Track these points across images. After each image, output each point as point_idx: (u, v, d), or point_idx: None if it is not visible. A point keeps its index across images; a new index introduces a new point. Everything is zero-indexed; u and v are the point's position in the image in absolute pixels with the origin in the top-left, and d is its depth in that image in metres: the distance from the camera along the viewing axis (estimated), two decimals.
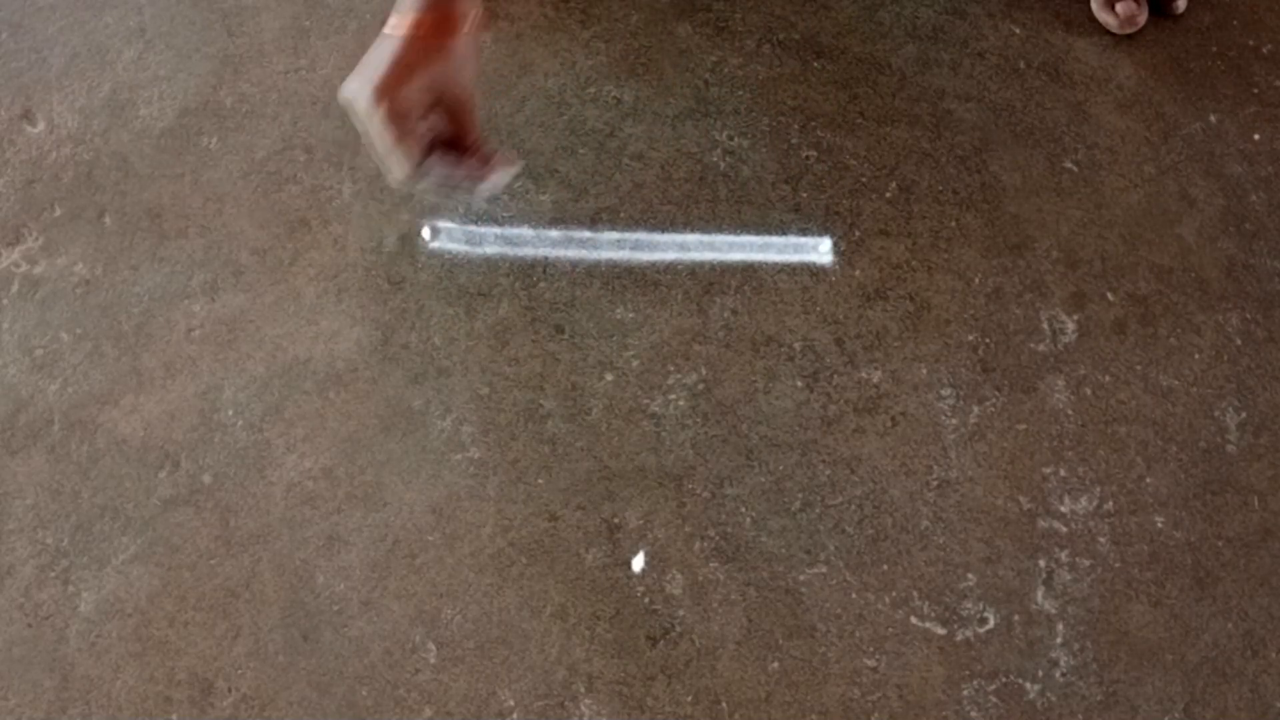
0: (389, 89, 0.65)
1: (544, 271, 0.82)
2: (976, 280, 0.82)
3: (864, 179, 0.85)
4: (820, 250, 0.83)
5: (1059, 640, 0.72)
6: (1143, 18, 0.90)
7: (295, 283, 0.81)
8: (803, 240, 0.83)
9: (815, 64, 0.89)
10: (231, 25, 0.91)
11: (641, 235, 0.83)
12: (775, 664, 0.71)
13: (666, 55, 0.90)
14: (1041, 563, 0.74)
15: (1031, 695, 0.71)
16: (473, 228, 0.83)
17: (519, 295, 0.81)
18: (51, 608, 0.72)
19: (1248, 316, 0.82)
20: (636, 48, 0.90)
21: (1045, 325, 0.81)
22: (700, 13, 0.92)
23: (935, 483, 0.76)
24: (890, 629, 0.72)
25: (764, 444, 0.77)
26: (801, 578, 0.73)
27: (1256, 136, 0.88)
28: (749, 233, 0.83)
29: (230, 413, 0.77)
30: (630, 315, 0.80)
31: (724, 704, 0.70)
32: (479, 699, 0.70)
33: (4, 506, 0.74)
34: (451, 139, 0.68)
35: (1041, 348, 0.80)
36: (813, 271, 0.82)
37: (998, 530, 0.75)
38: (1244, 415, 0.78)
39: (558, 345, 0.79)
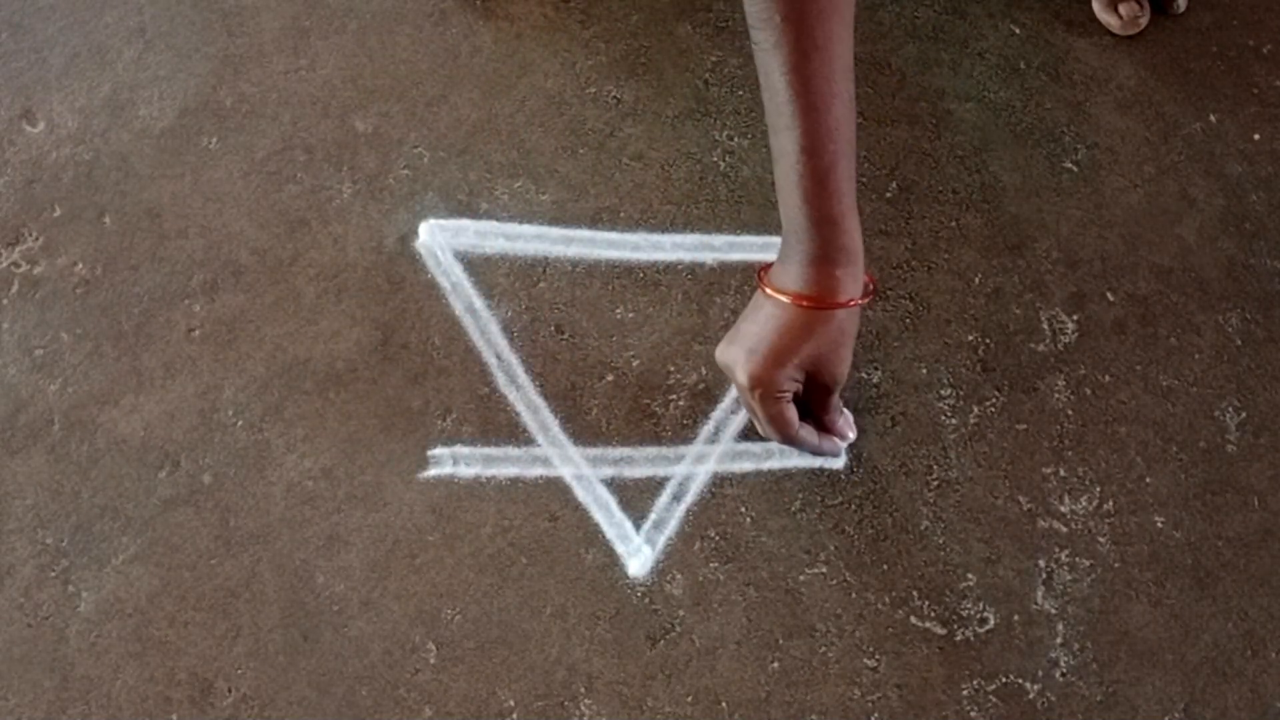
0: (767, 371, 0.66)
1: (544, 271, 0.82)
2: (976, 280, 0.82)
3: (864, 179, 0.85)
4: None
5: (1059, 640, 0.72)
6: (1145, 18, 0.91)
7: (295, 283, 0.81)
8: None
9: None
10: (231, 25, 0.91)
11: (641, 235, 0.83)
12: (775, 664, 0.71)
13: (666, 55, 0.90)
14: (1041, 563, 0.74)
15: (1031, 695, 0.71)
16: (473, 227, 0.83)
17: (519, 295, 0.81)
18: (51, 608, 0.72)
19: (1248, 316, 0.82)
20: (636, 48, 0.90)
21: (1045, 325, 0.81)
22: (700, 13, 0.92)
23: (935, 483, 0.76)
24: (890, 629, 0.72)
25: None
26: (801, 578, 0.73)
27: (1256, 136, 0.88)
28: (749, 233, 0.83)
29: (230, 413, 0.77)
30: (630, 315, 0.80)
31: (724, 704, 0.70)
32: (479, 699, 0.70)
33: (4, 506, 0.74)
34: (810, 404, 0.71)
35: (1041, 348, 0.80)
36: None
37: (998, 530, 0.75)
38: (1244, 415, 0.78)
39: (558, 345, 0.79)
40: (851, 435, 0.75)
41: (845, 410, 0.75)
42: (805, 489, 0.76)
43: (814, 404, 0.71)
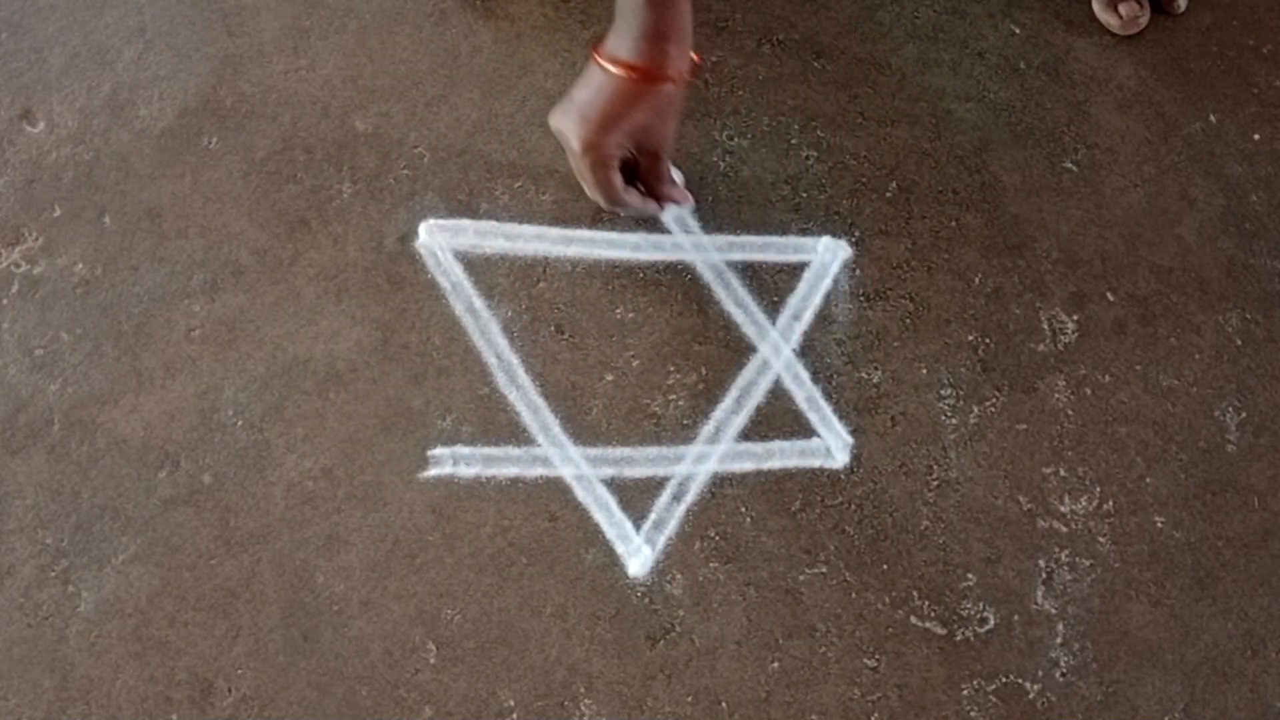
0: (597, 137, 0.71)
1: (544, 271, 0.82)
2: (976, 280, 0.82)
3: (864, 179, 0.85)
4: (819, 250, 0.83)
5: (1059, 640, 0.72)
6: (1145, 18, 0.91)
7: (295, 283, 0.81)
8: (802, 240, 0.83)
9: (815, 64, 0.89)
10: (231, 25, 0.91)
11: (641, 235, 0.83)
12: (775, 664, 0.71)
13: None
14: (1041, 563, 0.74)
15: (1031, 695, 0.71)
16: (473, 227, 0.83)
17: (519, 295, 0.81)
18: (51, 608, 0.72)
19: (1248, 316, 0.82)
20: None
21: (1045, 325, 0.81)
22: (700, 13, 0.91)
23: (935, 483, 0.76)
24: (890, 629, 0.72)
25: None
26: (801, 578, 0.73)
27: (1256, 136, 0.88)
28: (749, 233, 0.83)
29: (230, 413, 0.77)
30: (630, 315, 0.80)
31: (724, 704, 0.70)
32: (479, 699, 0.70)
33: (4, 506, 0.74)
34: (640, 173, 0.76)
35: (1041, 348, 0.80)
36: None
37: (998, 530, 0.75)
38: (1244, 415, 0.78)
39: (558, 345, 0.79)
40: (686, 201, 0.80)
41: (679, 174, 0.80)
42: (805, 489, 0.76)
43: (645, 173, 0.76)
